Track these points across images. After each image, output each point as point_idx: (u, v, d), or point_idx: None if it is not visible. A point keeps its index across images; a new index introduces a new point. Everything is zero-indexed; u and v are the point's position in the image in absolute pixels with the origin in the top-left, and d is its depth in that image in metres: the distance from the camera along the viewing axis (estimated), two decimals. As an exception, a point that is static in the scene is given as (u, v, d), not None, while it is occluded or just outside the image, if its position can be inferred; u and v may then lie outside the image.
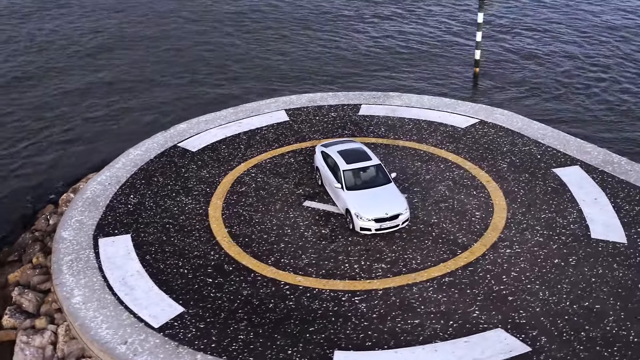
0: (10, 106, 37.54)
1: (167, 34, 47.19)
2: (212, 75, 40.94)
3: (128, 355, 18.89)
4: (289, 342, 19.02)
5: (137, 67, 42.41)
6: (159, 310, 20.42)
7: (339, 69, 41.45)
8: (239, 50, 44.55)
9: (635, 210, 23.84)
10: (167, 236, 23.60)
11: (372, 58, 42.68)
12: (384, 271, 21.54)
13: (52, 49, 45.14)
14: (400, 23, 48.17)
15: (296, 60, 42.72)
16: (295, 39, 45.93)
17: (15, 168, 31.79)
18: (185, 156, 28.47)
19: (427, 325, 19.37)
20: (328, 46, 44.67)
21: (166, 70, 41.70)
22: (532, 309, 19.75)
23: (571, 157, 27.27)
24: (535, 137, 28.86)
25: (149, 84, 40.03)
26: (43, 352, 20.58)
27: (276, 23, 48.84)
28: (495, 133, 29.25)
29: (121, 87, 39.83)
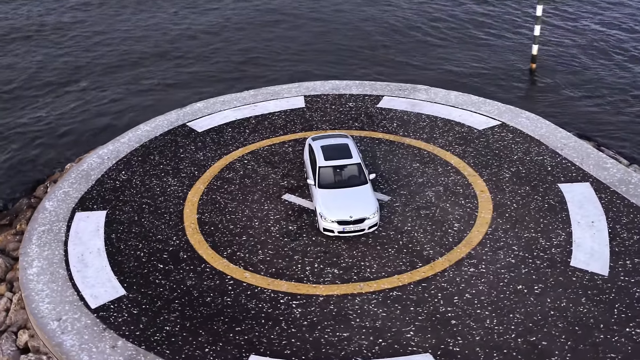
0: (44, 67, 38.95)
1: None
2: (265, 57, 40.54)
3: (56, 332, 19.23)
4: (210, 340, 18.69)
5: (193, 40, 42.75)
6: (102, 291, 20.63)
7: (391, 56, 39.91)
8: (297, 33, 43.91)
9: (633, 240, 21.54)
10: (140, 216, 23.76)
11: (423, 48, 40.87)
12: (334, 277, 20.70)
13: (106, 21, 46.38)
14: (454, 12, 45.77)
15: (351, 46, 41.48)
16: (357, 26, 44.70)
17: (39, 133, 32.99)
18: (189, 136, 28.52)
19: (355, 340, 18.45)
20: (381, 31, 43.18)
21: (226, 48, 41.72)
22: (472, 337, 18.35)
23: (585, 172, 24.97)
24: (555, 146, 26.65)
25: (198, 59, 40.24)
26: (4, 316, 21.34)
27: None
28: (512, 138, 27.27)
29: (169, 58, 40.30)
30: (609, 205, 23.21)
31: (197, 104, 31.42)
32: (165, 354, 18.29)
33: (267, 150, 27.30)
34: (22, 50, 41.53)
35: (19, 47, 41.91)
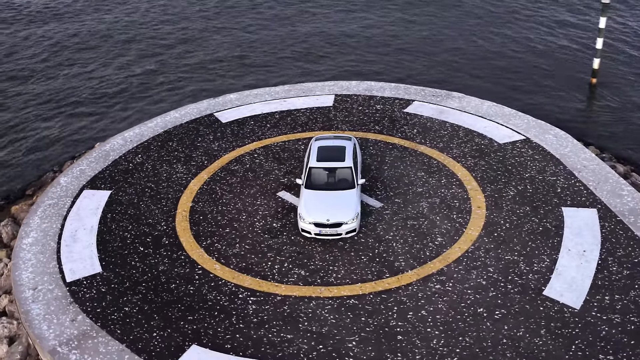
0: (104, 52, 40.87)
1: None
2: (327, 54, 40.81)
3: (27, 300, 20.46)
4: (161, 325, 19.29)
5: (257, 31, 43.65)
6: (81, 267, 21.72)
7: (456, 64, 39.11)
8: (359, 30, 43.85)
9: (621, 275, 20.20)
10: (139, 200, 24.73)
11: (480, 54, 39.64)
12: (299, 278, 20.77)
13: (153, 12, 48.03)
14: (513, 25, 43.93)
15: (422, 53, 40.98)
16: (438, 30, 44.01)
17: (85, 108, 34.80)
18: (212, 126, 29.27)
19: (296, 343, 18.49)
20: (443, 39, 42.30)
21: (283, 42, 42.38)
22: (412, 355, 17.93)
23: (596, 198, 23.60)
24: (573, 167, 25.32)
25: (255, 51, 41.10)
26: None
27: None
28: (531, 155, 26.14)
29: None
30: (610, 235, 21.83)
31: (230, 95, 32.13)
32: (116, 334, 19.03)
33: (279, 146, 27.57)
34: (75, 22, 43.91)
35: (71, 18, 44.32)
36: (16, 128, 33.40)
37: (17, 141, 32.25)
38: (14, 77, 38.59)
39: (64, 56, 40.95)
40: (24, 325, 19.76)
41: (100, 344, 18.65)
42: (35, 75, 38.59)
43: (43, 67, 39.68)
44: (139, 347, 18.48)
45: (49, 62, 40.26)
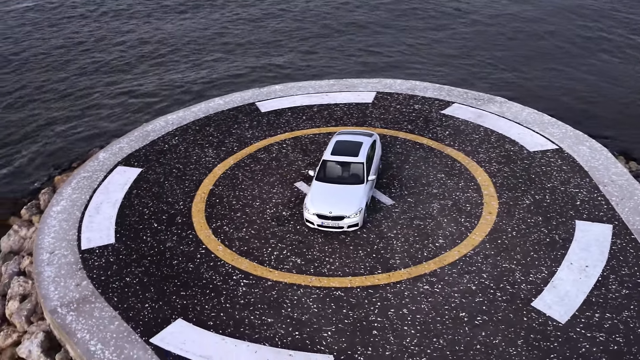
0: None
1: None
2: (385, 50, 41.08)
3: (43, 262, 22.06)
4: (154, 298, 20.36)
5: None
6: (97, 237, 23.14)
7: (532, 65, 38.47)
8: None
9: (619, 294, 19.60)
10: (165, 179, 25.98)
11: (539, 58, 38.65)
12: (293, 266, 21.34)
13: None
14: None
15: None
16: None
17: (148, 92, 36.56)
18: (251, 115, 30.22)
19: (275, 327, 19.10)
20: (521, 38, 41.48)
21: (344, 34, 42.98)
22: (383, 351, 18.17)
23: (615, 213, 22.87)
24: (600, 181, 24.59)
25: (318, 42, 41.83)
26: (22, 242, 24.80)
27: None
28: (559, 165, 25.56)
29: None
30: (619, 252, 21.14)
31: (276, 85, 32.90)
32: (112, 301, 20.23)
33: (309, 138, 28.13)
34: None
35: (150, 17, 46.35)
36: (83, 103, 35.56)
37: (80, 117, 34.35)
38: (92, 61, 41.01)
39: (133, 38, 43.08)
40: (35, 284, 21.28)
41: (96, 309, 19.86)
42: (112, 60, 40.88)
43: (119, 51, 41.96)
44: (129, 316, 19.55)
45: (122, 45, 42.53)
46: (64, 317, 19.59)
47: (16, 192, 28.67)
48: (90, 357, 18.27)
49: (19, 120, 34.37)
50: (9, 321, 21.32)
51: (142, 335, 18.85)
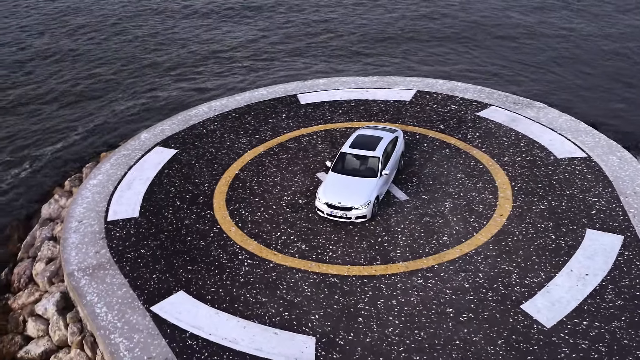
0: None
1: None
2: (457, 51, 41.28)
3: (71, 229, 23.81)
4: (163, 270, 21.68)
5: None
6: (123, 210, 24.73)
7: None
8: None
9: (614, 304, 19.44)
10: (196, 161, 27.35)
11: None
12: (297, 251, 22.18)
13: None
14: None
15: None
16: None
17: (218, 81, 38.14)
18: (290, 106, 31.25)
19: (267, 306, 20.02)
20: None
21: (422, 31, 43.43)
22: (364, 337, 18.79)
23: (630, 225, 22.54)
24: (623, 191, 24.23)
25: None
26: (60, 210, 26.73)
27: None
28: (583, 174, 25.32)
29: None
30: (624, 263, 20.89)
31: (319, 79, 33.77)
32: (124, 270, 21.68)
33: (340, 131, 28.86)
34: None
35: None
36: (141, 88, 37.61)
37: (136, 99, 36.36)
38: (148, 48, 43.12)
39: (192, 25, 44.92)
40: (60, 249, 23.01)
41: (109, 275, 21.34)
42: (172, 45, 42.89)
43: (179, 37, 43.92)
44: (137, 284, 20.91)
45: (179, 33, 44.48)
46: (78, 280, 21.12)
47: (66, 165, 30.71)
48: (94, 318, 19.69)
49: (79, 100, 36.68)
50: (34, 281, 23.09)
51: (144, 302, 20.12)
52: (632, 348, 17.82)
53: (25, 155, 31.83)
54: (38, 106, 36.30)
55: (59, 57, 42.64)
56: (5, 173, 30.34)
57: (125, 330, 19.13)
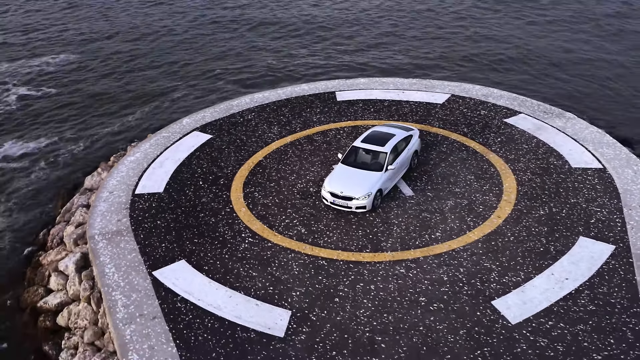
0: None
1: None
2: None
3: (102, 199, 26.29)
4: (172, 240, 23.68)
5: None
6: (150, 184, 27.00)
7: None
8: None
9: (584, 309, 19.80)
10: (226, 147, 29.35)
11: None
12: (296, 233, 23.70)
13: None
14: None
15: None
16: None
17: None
18: (326, 102, 32.82)
19: (255, 280, 21.65)
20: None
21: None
22: (335, 315, 20.04)
23: (625, 236, 22.70)
24: (629, 204, 24.30)
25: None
26: (100, 182, 29.33)
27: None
28: (593, 184, 25.57)
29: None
30: (607, 272, 21.22)
31: (361, 79, 35.13)
32: (138, 238, 23.86)
33: (366, 128, 30.11)
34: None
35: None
36: (197, 78, 40.18)
37: (192, 87, 38.91)
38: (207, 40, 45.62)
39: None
40: (88, 214, 25.51)
41: (123, 241, 23.57)
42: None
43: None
44: (146, 251, 23.01)
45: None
46: (97, 243, 23.44)
47: (116, 143, 33.46)
48: (102, 277, 21.91)
49: (143, 89, 39.62)
50: (64, 242, 25.66)
51: (148, 267, 22.18)
52: (590, 351, 18.27)
53: (83, 134, 34.83)
54: (107, 92, 39.50)
55: (131, 56, 45.94)
56: (63, 148, 33.37)
57: (126, 290, 21.18)
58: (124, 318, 20.01)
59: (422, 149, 27.91)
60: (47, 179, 30.92)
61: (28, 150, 33.43)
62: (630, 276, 20.76)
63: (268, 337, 19.17)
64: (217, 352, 18.69)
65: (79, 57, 45.37)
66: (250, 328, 19.50)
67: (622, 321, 19.15)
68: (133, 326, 19.70)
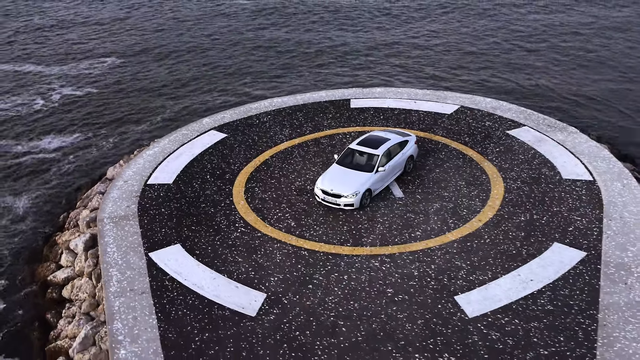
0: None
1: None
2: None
3: (115, 187, 28.55)
4: (172, 226, 25.62)
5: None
6: (162, 176, 29.08)
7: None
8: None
9: (541, 309, 20.78)
10: (238, 146, 31.29)
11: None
12: (286, 226, 25.31)
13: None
14: None
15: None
16: None
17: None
18: (339, 108, 34.44)
19: (239, 265, 23.29)
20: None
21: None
22: (306, 300, 21.56)
23: (599, 245, 23.50)
24: (610, 215, 24.98)
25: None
26: (120, 172, 31.65)
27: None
28: (579, 195, 26.34)
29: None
30: (573, 277, 22.06)
31: (377, 88, 36.64)
32: (142, 222, 25.93)
33: (372, 134, 31.51)
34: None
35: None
36: (231, 86, 42.36)
37: (223, 92, 41.11)
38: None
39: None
40: (102, 200, 27.78)
41: (128, 225, 25.67)
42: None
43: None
44: (147, 235, 25.04)
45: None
46: (104, 225, 25.61)
47: (142, 140, 35.86)
48: (104, 254, 24.01)
49: (177, 90, 42.07)
50: (78, 224, 27.98)
51: (146, 249, 24.16)
52: (538, 346, 19.21)
53: (115, 131, 37.41)
54: (143, 94, 42.14)
55: (175, 55, 48.67)
56: (95, 143, 36.00)
57: (122, 267, 23.20)
58: (116, 291, 21.96)
59: (420, 155, 29.11)
60: (76, 169, 33.45)
61: (64, 144, 36.12)
62: (595, 281, 21.52)
63: (241, 315, 20.76)
64: (192, 325, 20.39)
65: (123, 61, 48.31)
66: (226, 307, 21.12)
67: (576, 321, 19.96)
68: (122, 299, 21.60)
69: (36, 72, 46.62)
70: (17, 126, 38.38)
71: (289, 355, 19.07)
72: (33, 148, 35.70)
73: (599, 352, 18.80)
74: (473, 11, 57.05)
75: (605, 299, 20.74)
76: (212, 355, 19.19)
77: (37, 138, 36.87)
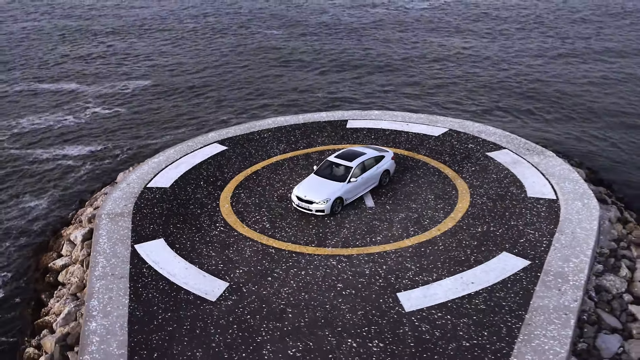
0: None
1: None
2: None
3: (117, 188, 31.61)
4: (159, 223, 28.43)
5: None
6: (162, 181, 31.94)
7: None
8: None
9: (476, 308, 22.53)
10: (235, 158, 34.00)
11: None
12: (260, 227, 27.73)
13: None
14: None
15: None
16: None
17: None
18: (336, 128, 36.89)
19: (211, 258, 25.78)
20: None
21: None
22: (263, 289, 23.89)
23: (544, 255, 25.21)
24: (564, 230, 26.55)
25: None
26: (128, 174, 34.78)
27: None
28: (538, 212, 28.03)
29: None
30: (511, 282, 23.64)
31: (375, 111, 39.01)
32: (135, 219, 28.76)
33: (360, 151, 33.83)
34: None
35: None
36: (249, 106, 45.40)
37: (238, 110, 44.12)
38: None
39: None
40: (103, 200, 30.82)
41: (122, 221, 28.55)
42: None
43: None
44: (136, 230, 27.84)
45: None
46: (101, 220, 28.54)
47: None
48: (96, 245, 26.85)
49: (195, 112, 45.30)
50: (81, 220, 31.04)
51: (133, 242, 26.92)
52: (461, 339, 20.98)
53: (133, 144, 40.76)
54: (164, 113, 45.49)
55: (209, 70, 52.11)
56: (112, 153, 39.36)
57: (109, 256, 25.97)
58: (99, 275, 24.69)
59: (399, 171, 31.21)
60: (91, 174, 36.73)
61: (84, 152, 39.57)
62: (531, 286, 23.17)
63: (202, 300, 23.18)
64: (158, 305, 22.91)
65: (151, 82, 52.00)
66: (192, 292, 23.58)
67: (503, 320, 21.65)
68: (103, 281, 24.32)
69: (76, 90, 50.64)
70: (47, 139, 42.08)
71: (236, 335, 21.32)
72: (56, 156, 39.18)
73: (517, 346, 20.42)
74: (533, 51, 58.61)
75: (536, 302, 22.33)
76: (170, 331, 21.59)
77: (60, 147, 40.41)
